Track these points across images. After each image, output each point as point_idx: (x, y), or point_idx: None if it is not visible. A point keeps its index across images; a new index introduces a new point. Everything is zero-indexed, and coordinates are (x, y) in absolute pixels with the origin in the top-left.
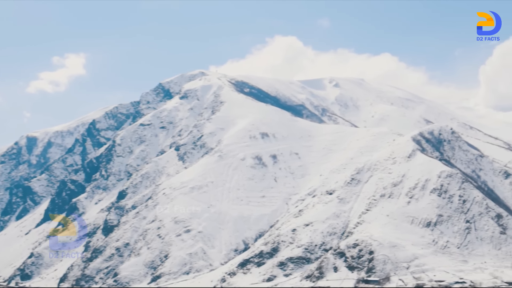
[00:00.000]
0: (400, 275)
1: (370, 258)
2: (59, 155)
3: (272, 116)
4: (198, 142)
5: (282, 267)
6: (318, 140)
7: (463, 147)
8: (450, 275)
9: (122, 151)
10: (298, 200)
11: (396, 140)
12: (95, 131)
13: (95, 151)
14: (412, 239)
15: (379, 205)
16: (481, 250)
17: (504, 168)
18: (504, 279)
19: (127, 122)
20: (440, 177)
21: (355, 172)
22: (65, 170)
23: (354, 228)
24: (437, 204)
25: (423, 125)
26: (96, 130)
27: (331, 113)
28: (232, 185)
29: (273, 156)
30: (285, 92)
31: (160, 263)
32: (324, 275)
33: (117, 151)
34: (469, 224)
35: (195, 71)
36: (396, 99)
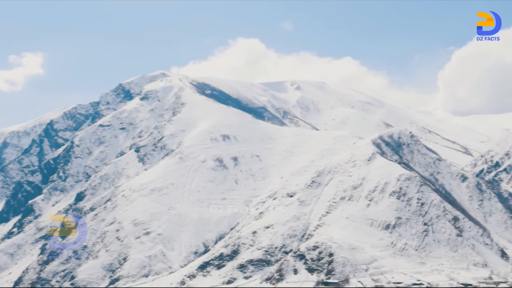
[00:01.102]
0: (359, 277)
1: (329, 261)
2: (15, 156)
3: (233, 118)
4: (158, 144)
5: (242, 269)
6: (279, 143)
7: (421, 150)
8: (408, 277)
9: (80, 152)
10: (259, 203)
11: (356, 143)
12: (52, 131)
13: (52, 152)
14: (371, 241)
15: (339, 207)
16: (438, 252)
17: (461, 172)
18: (460, 281)
19: (86, 123)
20: (399, 180)
21: (315, 174)
22: (21, 171)
23: (314, 231)
24: (396, 207)
25: (383, 128)
26: (54, 131)
27: (292, 116)
28: (193, 187)
29: (234, 158)
30: (246, 95)
31: (119, 265)
32: (284, 277)
33: (76, 152)
34: (426, 226)
35: (156, 72)
36: (357, 102)
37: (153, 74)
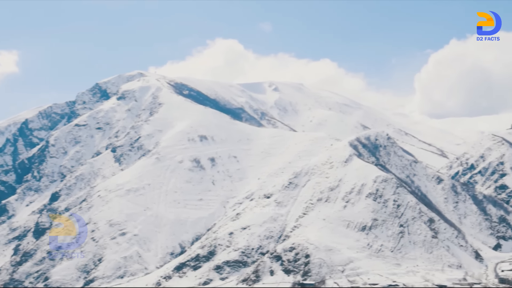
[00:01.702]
0: (335, 278)
1: (306, 262)
2: None
3: (211, 119)
4: (135, 144)
5: (218, 270)
6: (257, 144)
7: (398, 152)
8: (384, 278)
9: (56, 152)
10: (236, 204)
11: (333, 145)
12: (27, 131)
13: (27, 151)
14: (348, 242)
15: (316, 209)
16: (413, 254)
17: (436, 174)
18: (435, 282)
19: (62, 122)
20: (376, 182)
21: (293, 176)
22: None
23: (291, 232)
24: (372, 209)
25: (360, 130)
26: (28, 130)
27: (270, 117)
28: (170, 187)
29: (212, 159)
30: (224, 95)
31: (94, 266)
32: (260, 278)
33: (51, 151)
34: (402, 228)
35: (133, 72)
36: (335, 104)
37: (130, 74)
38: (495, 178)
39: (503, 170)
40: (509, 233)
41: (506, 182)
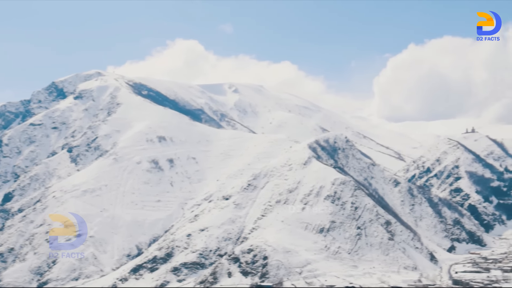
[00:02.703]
0: (292, 280)
1: (264, 264)
2: None
3: (170, 119)
4: (92, 144)
5: (175, 272)
6: (216, 145)
7: (356, 155)
8: (341, 280)
9: (9, 152)
10: (194, 205)
11: (292, 147)
12: None
13: None
14: (306, 244)
15: (274, 211)
16: (370, 256)
17: (394, 177)
18: (391, 283)
19: (16, 121)
20: (334, 184)
21: (251, 178)
22: None
23: (249, 234)
24: (330, 211)
25: (319, 133)
26: None
27: (229, 119)
28: (127, 188)
29: (170, 160)
30: (184, 96)
31: (48, 268)
32: (218, 280)
33: (4, 151)
34: (360, 230)
35: (91, 71)
36: (294, 106)
37: (88, 73)
38: (450, 181)
39: (458, 174)
40: (463, 235)
41: (460, 186)
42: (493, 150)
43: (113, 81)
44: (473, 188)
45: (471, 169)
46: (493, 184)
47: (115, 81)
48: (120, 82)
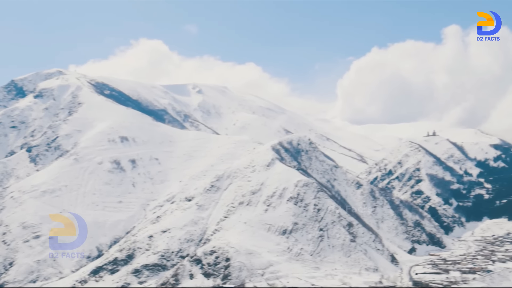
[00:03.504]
0: (255, 282)
1: (226, 265)
2: None
3: (132, 120)
4: (52, 144)
5: (136, 274)
6: (179, 146)
7: (319, 157)
8: (303, 282)
9: None
10: (156, 206)
11: (256, 149)
12: None
13: None
14: (268, 246)
15: (237, 212)
16: (332, 257)
17: (356, 179)
18: (352, 285)
19: None
20: (297, 186)
21: (215, 179)
22: None
23: (211, 235)
24: (293, 212)
25: (283, 135)
26: None
27: (193, 120)
28: (88, 189)
29: (132, 160)
30: (147, 96)
31: (4, 271)
32: (179, 282)
33: None
34: (322, 232)
35: (52, 70)
36: (258, 108)
37: (48, 72)
38: (412, 183)
39: (419, 176)
40: (423, 237)
41: (421, 188)
42: (453, 153)
43: (74, 80)
44: (433, 191)
45: (432, 172)
46: (453, 187)
47: (76, 80)
48: (82, 81)
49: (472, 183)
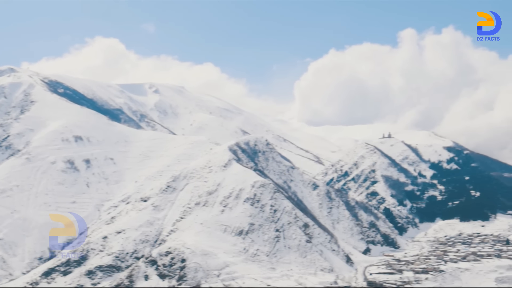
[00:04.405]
0: (210, 282)
1: (182, 266)
2: None
3: (87, 119)
4: (3, 143)
5: (90, 275)
6: (135, 146)
7: (276, 158)
8: (259, 282)
9: None
10: (111, 207)
11: (213, 149)
12: None
13: None
14: (224, 247)
15: (193, 213)
16: (288, 258)
17: (312, 180)
18: (308, 285)
19: None
20: (254, 187)
21: (171, 179)
22: None
23: (167, 236)
24: (249, 213)
25: (240, 135)
26: None
27: (149, 119)
28: (40, 189)
29: (87, 160)
30: (102, 95)
31: None
32: (134, 283)
33: None
34: (278, 233)
35: (4, 67)
36: (215, 108)
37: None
38: (367, 185)
39: (374, 178)
40: (378, 238)
41: (376, 189)
42: (408, 155)
43: (27, 78)
44: (388, 192)
45: (387, 173)
46: (407, 188)
47: (29, 78)
48: (35, 79)
49: (426, 185)
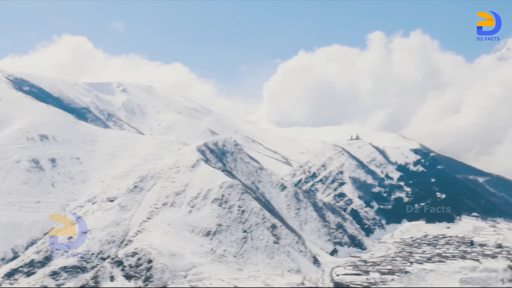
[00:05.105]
0: (177, 283)
1: (148, 267)
2: None
3: (53, 117)
4: None
5: (54, 276)
6: (102, 146)
7: (244, 159)
8: (226, 283)
9: None
10: (77, 207)
11: (181, 149)
12: None
13: None
14: (192, 248)
15: (160, 213)
16: (255, 259)
17: (281, 181)
18: (275, 286)
19: None
20: (222, 188)
21: (138, 179)
22: None
23: (134, 237)
24: (217, 214)
25: (209, 136)
26: None
27: (117, 119)
28: (4, 189)
29: (52, 159)
30: (69, 94)
31: None
32: (99, 284)
33: None
34: (246, 233)
35: None
36: (184, 108)
37: None
38: (335, 186)
39: (342, 179)
40: (345, 239)
41: (344, 191)
42: (375, 157)
43: None
44: (355, 193)
45: (355, 175)
46: (374, 190)
47: None
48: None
49: (393, 187)
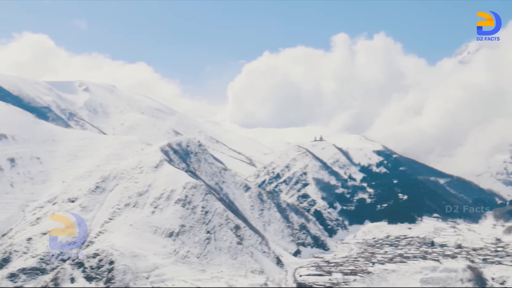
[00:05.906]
0: (139, 285)
1: (110, 268)
2: None
3: (12, 116)
4: None
5: (12, 279)
6: (63, 145)
7: (208, 160)
8: (188, 284)
9: None
10: (37, 208)
11: (144, 150)
12: None
13: None
14: (154, 249)
15: (123, 214)
16: (219, 260)
17: (244, 182)
18: (238, 287)
19: None
20: (185, 188)
21: (100, 180)
22: None
23: (95, 238)
24: (180, 215)
25: (173, 136)
26: None
27: (79, 118)
28: None
29: (11, 159)
30: (29, 93)
31: None
32: (59, 286)
33: None
34: (209, 234)
35: None
36: (147, 108)
37: None
38: (298, 187)
39: (305, 180)
40: (308, 240)
41: (308, 192)
42: (339, 158)
43: None
44: (319, 194)
45: (318, 176)
46: (337, 191)
47: None
48: None
49: (356, 188)
